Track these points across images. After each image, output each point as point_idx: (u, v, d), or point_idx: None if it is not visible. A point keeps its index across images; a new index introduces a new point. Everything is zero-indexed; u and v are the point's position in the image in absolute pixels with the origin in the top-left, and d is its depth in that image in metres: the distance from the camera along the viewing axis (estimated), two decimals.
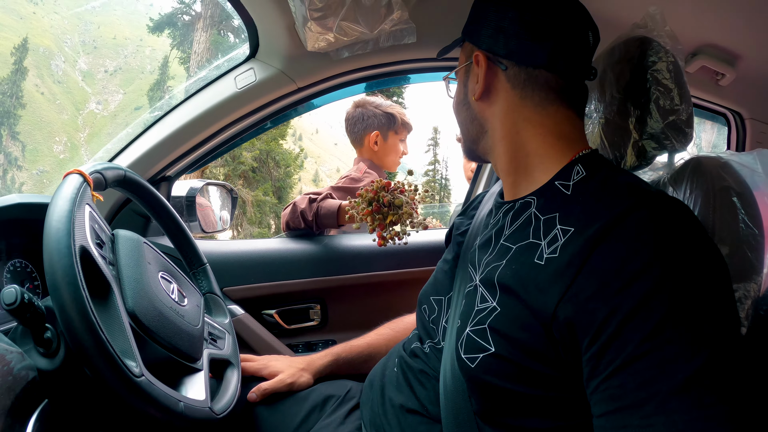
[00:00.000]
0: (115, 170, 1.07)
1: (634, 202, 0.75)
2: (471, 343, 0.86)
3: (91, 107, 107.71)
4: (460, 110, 1.10)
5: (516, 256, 0.87)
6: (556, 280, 0.76)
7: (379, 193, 1.56)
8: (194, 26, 26.03)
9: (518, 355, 0.79)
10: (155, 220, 1.27)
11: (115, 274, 0.91)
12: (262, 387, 1.28)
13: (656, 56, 1.10)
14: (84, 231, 0.85)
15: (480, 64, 1.00)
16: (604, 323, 0.68)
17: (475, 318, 0.88)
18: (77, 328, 0.73)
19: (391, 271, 1.88)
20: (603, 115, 1.21)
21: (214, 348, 1.17)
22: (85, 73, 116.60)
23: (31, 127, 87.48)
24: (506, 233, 0.95)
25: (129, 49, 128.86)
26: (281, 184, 20.62)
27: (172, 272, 1.12)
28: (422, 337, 1.17)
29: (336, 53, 1.43)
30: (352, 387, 1.32)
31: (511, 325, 0.80)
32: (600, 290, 0.70)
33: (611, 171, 0.89)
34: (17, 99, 64.80)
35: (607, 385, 0.67)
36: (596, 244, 0.73)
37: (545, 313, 0.76)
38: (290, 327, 1.79)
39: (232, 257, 1.75)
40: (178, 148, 1.61)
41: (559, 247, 0.79)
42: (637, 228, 0.72)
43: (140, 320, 0.89)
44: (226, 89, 1.55)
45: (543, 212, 0.88)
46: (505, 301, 0.84)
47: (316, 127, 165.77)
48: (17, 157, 69.24)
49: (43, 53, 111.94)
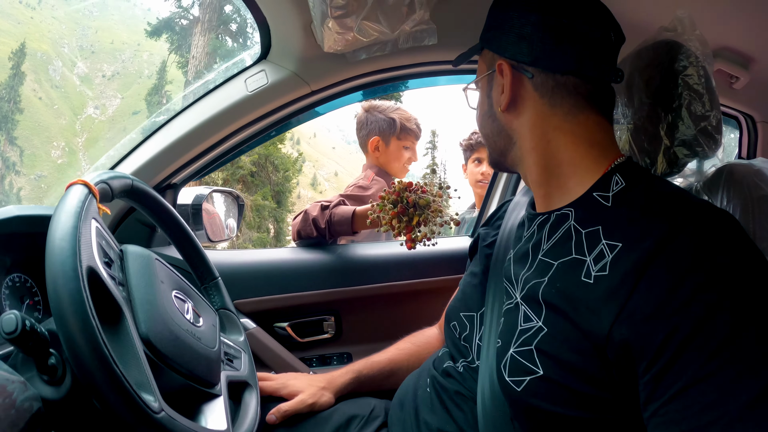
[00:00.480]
0: (122, 179, 0.99)
1: (685, 217, 0.73)
2: (516, 365, 0.82)
3: (89, 112, 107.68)
4: (486, 123, 1.05)
5: (559, 273, 0.83)
6: (608, 300, 0.72)
7: (403, 194, 1.50)
8: (192, 30, 26.03)
9: (568, 378, 0.75)
10: (164, 232, 1.19)
11: (125, 296, 0.84)
12: (282, 408, 1.21)
13: (687, 61, 1.07)
14: (91, 249, 0.76)
15: (504, 73, 0.96)
16: (663, 345, 0.65)
17: (520, 338, 0.84)
18: (88, 363, 0.65)
19: (407, 281, 1.82)
20: (632, 120, 1.17)
21: (231, 369, 1.10)
22: (83, 78, 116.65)
23: (29, 132, 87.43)
24: (544, 247, 0.91)
25: (127, 53, 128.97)
26: (280, 189, 20.62)
27: (186, 290, 1.04)
28: (454, 356, 1.12)
29: (353, 54, 1.36)
30: (376, 405, 1.27)
31: (561, 346, 0.77)
32: (657, 310, 0.67)
33: (651, 181, 0.85)
34: (15, 104, 64.79)
35: (667, 410, 0.64)
36: (650, 261, 0.70)
37: (599, 334, 0.72)
38: (303, 340, 1.72)
39: (241, 269, 1.69)
40: (185, 154, 1.53)
41: (608, 264, 0.75)
42: (692, 244, 0.69)
43: (155, 347, 0.81)
44: (236, 92, 1.48)
45: (583, 225, 0.84)
46: (552, 320, 0.80)
47: (314, 131, 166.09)
48: (15, 162, 69.14)
49: (40, 58, 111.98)
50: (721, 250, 0.68)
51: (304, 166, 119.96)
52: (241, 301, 1.63)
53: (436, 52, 1.49)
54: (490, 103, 1.02)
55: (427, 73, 1.60)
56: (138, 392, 0.68)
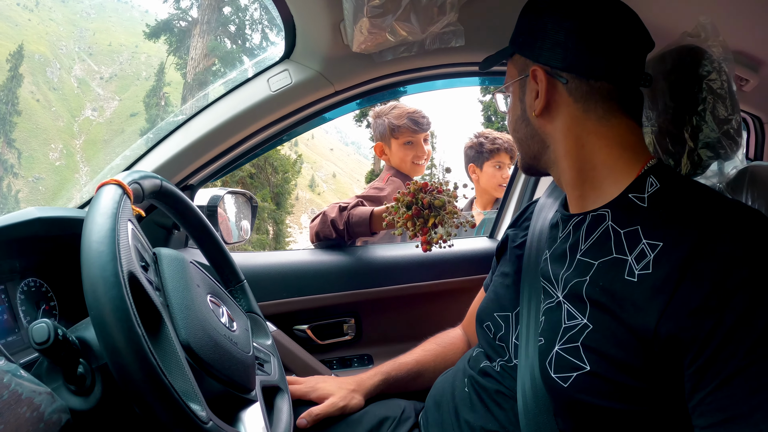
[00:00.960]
0: (153, 180, 0.94)
1: (724, 215, 0.77)
2: (562, 361, 0.85)
3: (86, 114, 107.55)
4: (519, 127, 1.07)
5: (601, 272, 0.86)
6: (654, 297, 0.75)
7: (417, 195, 1.47)
8: (191, 32, 26.02)
9: (614, 372, 0.78)
10: (190, 234, 1.16)
11: (162, 301, 0.80)
12: (313, 412, 1.20)
13: (710, 66, 1.09)
14: (130, 253, 0.71)
15: (539, 78, 0.98)
16: (709, 337, 0.69)
17: (564, 335, 0.87)
18: (135, 374, 0.61)
19: (427, 282, 1.81)
20: (656, 123, 1.20)
21: (263, 374, 1.08)
22: (80, 80, 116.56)
23: (27, 134, 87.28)
24: (582, 248, 0.93)
25: (124, 55, 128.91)
26: (279, 190, 20.68)
27: (220, 294, 1.01)
28: (490, 356, 1.13)
29: (379, 55, 1.35)
30: (406, 407, 1.27)
31: (607, 342, 0.80)
32: (702, 306, 0.70)
33: (684, 182, 0.88)
34: (13, 106, 64.69)
35: (713, 398, 0.68)
36: (692, 259, 0.74)
37: (646, 330, 0.75)
38: (323, 342, 1.71)
39: (260, 271, 1.67)
40: (205, 154, 1.52)
41: (651, 262, 0.78)
42: (732, 242, 0.73)
43: (196, 353, 0.78)
44: (259, 92, 1.46)
45: (621, 226, 0.87)
46: (597, 317, 0.83)
47: (312, 132, 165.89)
48: (13, 164, 68.97)
49: (38, 60, 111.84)
50: (758, 246, 0.71)
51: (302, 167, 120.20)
52: (261, 303, 1.60)
53: (461, 54, 1.49)
54: (523, 108, 1.04)
55: (451, 75, 1.59)
56: (186, 402, 0.66)
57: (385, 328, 1.80)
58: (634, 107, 0.97)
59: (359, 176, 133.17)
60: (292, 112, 1.50)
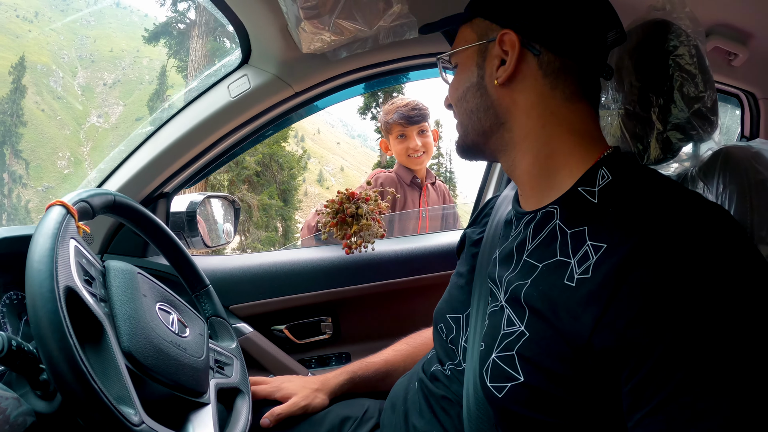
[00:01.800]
0: (103, 196, 1.00)
1: (671, 214, 0.70)
2: (497, 370, 0.80)
3: (92, 121, 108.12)
4: (471, 96, 0.94)
5: (543, 275, 0.80)
6: (589, 304, 0.70)
7: (344, 204, 1.65)
8: (189, 34, 26.00)
9: (549, 385, 0.73)
10: (152, 243, 1.20)
11: (108, 312, 0.85)
12: (275, 412, 1.21)
13: (677, 40, 1.02)
14: (69, 269, 0.78)
15: (510, 44, 0.87)
16: (645, 354, 0.63)
17: (502, 343, 0.81)
18: (68, 380, 0.67)
19: (404, 278, 1.80)
20: (622, 105, 1.12)
21: (222, 376, 1.11)
22: (84, 88, 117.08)
23: (34, 144, 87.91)
24: (529, 248, 0.87)
25: (126, 60, 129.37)
26: (286, 187, 20.71)
27: (172, 301, 1.05)
28: (441, 359, 1.09)
29: (333, 54, 1.35)
30: (370, 406, 1.26)
31: (542, 352, 0.74)
32: (639, 317, 0.64)
33: (637, 173, 0.82)
34: (18, 117, 65.07)
35: (651, 421, 0.62)
36: (632, 263, 0.67)
37: (579, 340, 0.70)
38: (302, 342, 1.72)
39: (236, 273, 1.68)
40: (174, 163, 1.54)
41: (591, 266, 0.72)
42: (678, 244, 0.66)
43: (137, 360, 0.83)
44: (220, 99, 1.47)
45: (569, 225, 0.81)
46: (534, 325, 0.77)
47: (318, 127, 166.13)
48: (21, 175, 69.54)
49: (41, 70, 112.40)
50: (709, 253, 0.65)
51: (309, 162, 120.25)
52: (237, 305, 1.63)
53: (419, 46, 1.48)
54: (481, 75, 0.93)
55: (412, 68, 1.58)
56: (117, 406, 0.70)
57: (363, 326, 1.80)
58: (594, 94, 0.91)
59: (367, 168, 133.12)
60: (254, 117, 1.50)
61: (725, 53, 1.62)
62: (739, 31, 1.54)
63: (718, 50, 1.60)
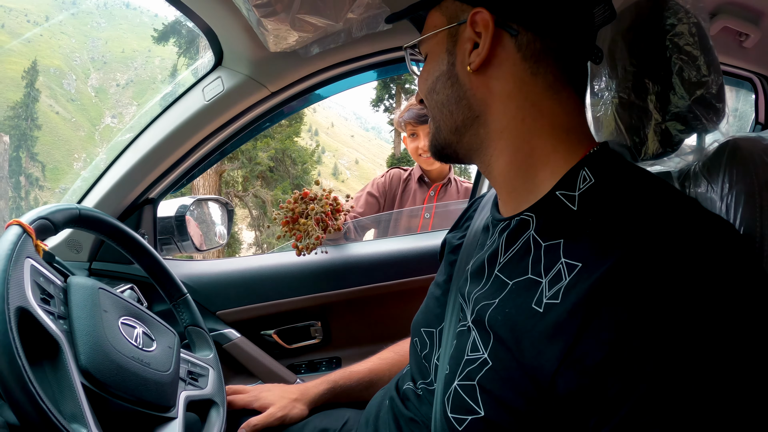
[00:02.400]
0: (65, 211, 1.00)
1: (658, 228, 0.60)
2: (458, 400, 0.72)
3: (106, 122, 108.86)
4: (441, 87, 0.83)
5: (512, 296, 0.71)
6: (554, 336, 0.61)
7: (297, 204, 1.67)
8: (199, 33, 26.06)
9: (510, 422, 0.64)
10: (125, 253, 1.18)
11: (66, 329, 0.85)
12: (251, 423, 1.18)
13: (675, 18, 0.90)
14: (23, 289, 0.78)
15: (483, 24, 0.75)
16: (616, 403, 0.55)
17: (465, 369, 0.73)
18: (18, 400, 0.68)
19: (394, 281, 1.76)
20: (616, 93, 0.99)
21: (194, 388, 1.09)
22: (97, 89, 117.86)
23: (50, 146, 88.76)
24: (501, 261, 0.78)
25: (138, 60, 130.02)
26: (299, 181, 20.69)
27: (137, 314, 1.03)
28: (414, 376, 1.00)
29: (305, 50, 1.30)
30: (350, 417, 1.21)
31: (504, 385, 0.66)
32: (611, 357, 0.55)
33: (623, 174, 0.72)
34: (32, 121, 65.50)
35: None
36: (606, 292, 0.58)
37: (541, 378, 0.61)
38: (291, 346, 1.70)
39: (224, 278, 1.67)
40: (155, 169, 1.52)
41: (562, 289, 0.63)
42: (663, 269, 0.56)
43: (95, 377, 0.82)
44: (195, 103, 1.45)
45: (544, 236, 0.71)
46: (497, 353, 0.68)
47: (332, 121, 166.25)
48: (38, 177, 70.17)
49: (54, 73, 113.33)
50: (702, 282, 0.55)
51: (324, 156, 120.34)
52: (225, 311, 1.61)
53: (397, 38, 1.41)
54: (451, 62, 0.81)
55: (392, 61, 1.52)
56: (68, 425, 0.71)
57: (353, 330, 1.77)
58: (581, 81, 0.80)
59: (381, 161, 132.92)
60: (231, 120, 1.47)
61: (735, 34, 1.53)
62: (751, 9, 1.45)
63: (727, 30, 1.51)
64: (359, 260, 1.76)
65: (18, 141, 66.63)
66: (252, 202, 18.00)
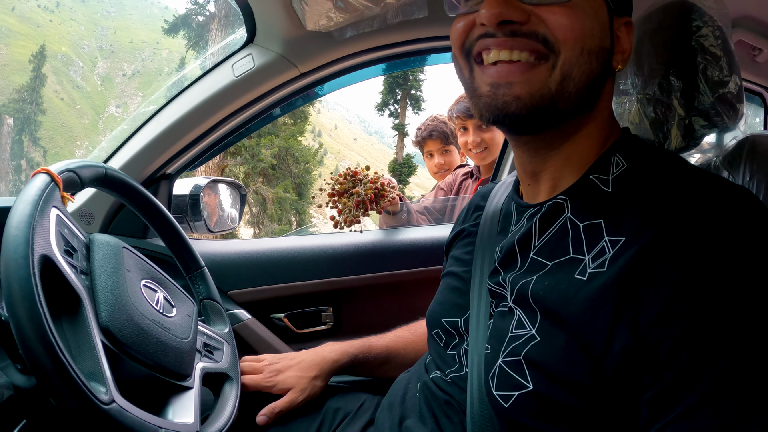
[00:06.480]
0: (93, 168, 0.96)
1: (696, 198, 0.63)
2: (504, 377, 0.72)
3: (111, 111, 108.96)
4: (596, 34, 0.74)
5: (552, 271, 0.73)
6: (602, 300, 0.63)
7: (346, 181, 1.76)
8: (209, 26, 26.12)
9: (560, 393, 0.65)
10: (145, 220, 1.15)
11: (88, 285, 0.82)
12: (274, 409, 1.13)
13: (701, 20, 0.95)
14: (48, 238, 0.75)
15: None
16: (670, 357, 0.56)
17: (509, 346, 0.73)
18: (35, 350, 0.64)
19: (407, 270, 1.74)
20: (642, 90, 1.03)
21: (210, 361, 1.06)
22: (103, 78, 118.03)
23: (53, 132, 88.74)
24: (536, 244, 0.78)
25: (146, 52, 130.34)
26: (301, 181, 20.70)
27: (159, 279, 1.00)
28: (440, 367, 0.97)
29: (339, 33, 1.30)
30: (366, 400, 1.19)
31: (553, 357, 0.67)
32: (663, 315, 0.58)
33: (656, 159, 0.74)
34: (37, 105, 65.61)
35: (676, 428, 0.55)
36: (654, 254, 0.60)
37: (596, 342, 0.62)
38: (301, 331, 1.67)
39: (238, 258, 1.64)
40: (176, 143, 1.50)
41: (608, 260, 0.65)
42: (705, 231, 0.59)
43: (115, 336, 0.79)
44: (224, 78, 1.43)
45: (581, 218, 0.73)
46: (545, 327, 0.69)
47: (335, 123, 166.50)
48: (39, 162, 70.12)
49: (61, 59, 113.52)
50: (742, 239, 0.58)
51: (326, 158, 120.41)
52: (236, 291, 1.59)
53: (429, 27, 1.42)
54: (611, 12, 0.77)
55: (423, 51, 1.53)
56: (87, 382, 0.68)
57: (365, 318, 1.75)
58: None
59: (383, 165, 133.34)
60: (259, 97, 1.46)
61: (749, 48, 1.54)
62: (765, 25, 1.46)
63: (742, 44, 1.52)
64: (374, 247, 1.75)
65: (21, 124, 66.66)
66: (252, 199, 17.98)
